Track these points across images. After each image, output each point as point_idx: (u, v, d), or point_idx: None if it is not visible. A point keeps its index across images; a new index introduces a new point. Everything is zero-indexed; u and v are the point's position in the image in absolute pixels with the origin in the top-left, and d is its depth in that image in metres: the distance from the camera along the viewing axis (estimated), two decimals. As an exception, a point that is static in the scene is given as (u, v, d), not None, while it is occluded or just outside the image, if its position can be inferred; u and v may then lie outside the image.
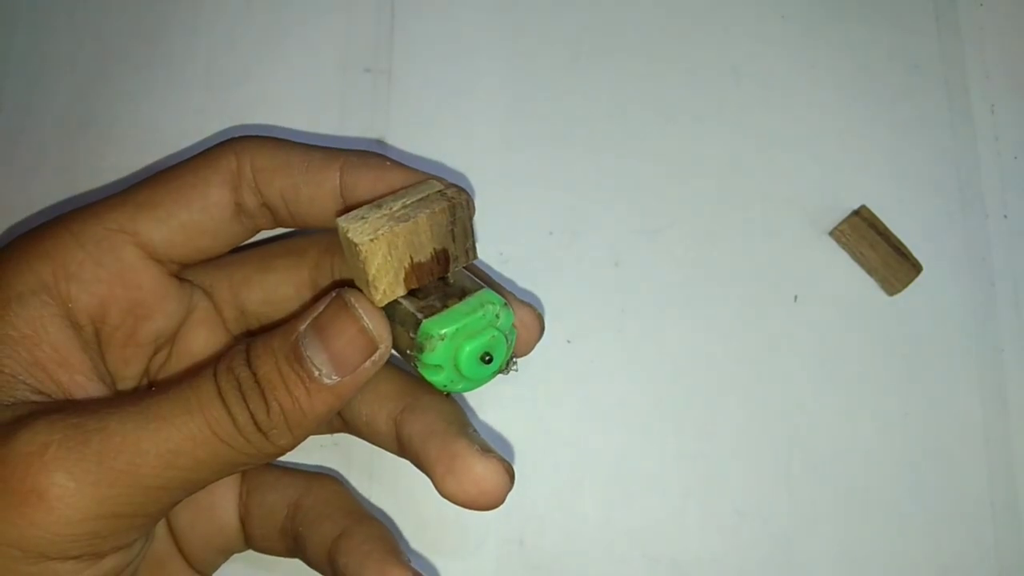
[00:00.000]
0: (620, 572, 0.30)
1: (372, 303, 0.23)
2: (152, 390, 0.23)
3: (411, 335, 0.23)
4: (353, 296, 0.23)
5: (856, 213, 0.34)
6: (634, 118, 0.34)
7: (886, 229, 0.34)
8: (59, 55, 0.35)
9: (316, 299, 0.24)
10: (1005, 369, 0.33)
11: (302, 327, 0.22)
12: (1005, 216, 0.35)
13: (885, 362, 0.33)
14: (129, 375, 0.26)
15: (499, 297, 0.24)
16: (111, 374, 0.26)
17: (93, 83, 0.35)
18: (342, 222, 0.23)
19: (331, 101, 0.35)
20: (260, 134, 0.27)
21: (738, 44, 0.35)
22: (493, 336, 0.24)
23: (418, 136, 0.34)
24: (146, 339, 0.26)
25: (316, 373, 0.22)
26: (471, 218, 0.24)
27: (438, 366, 0.23)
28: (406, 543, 0.30)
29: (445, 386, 0.24)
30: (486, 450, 0.24)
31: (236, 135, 0.27)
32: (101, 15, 0.35)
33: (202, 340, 0.27)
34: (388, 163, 0.25)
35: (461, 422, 0.26)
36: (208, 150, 0.26)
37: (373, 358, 0.23)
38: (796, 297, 0.32)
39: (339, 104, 0.35)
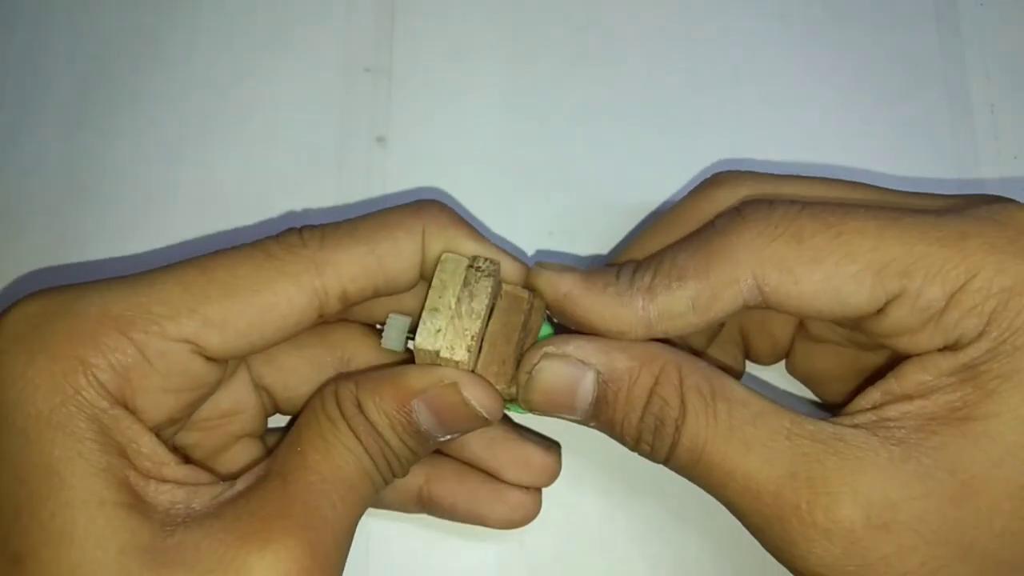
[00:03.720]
0: (620, 572, 0.30)
1: (486, 384, 0.25)
2: (312, 475, 0.24)
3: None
4: (470, 393, 0.25)
5: None
6: (634, 118, 0.34)
7: None
8: (59, 55, 0.35)
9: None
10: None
11: (415, 403, 0.24)
12: (1005, 216, 0.35)
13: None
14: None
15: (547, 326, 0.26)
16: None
17: (93, 83, 0.35)
18: (443, 351, 0.24)
19: (331, 101, 0.35)
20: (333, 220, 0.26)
21: (738, 44, 0.35)
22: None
23: (418, 136, 0.34)
24: (193, 416, 0.27)
25: (431, 439, 0.25)
26: (498, 271, 0.26)
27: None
28: (403, 544, 0.30)
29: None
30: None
31: (308, 222, 0.25)
32: (101, 15, 0.35)
33: (229, 400, 0.28)
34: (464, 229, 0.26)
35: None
36: (286, 259, 0.24)
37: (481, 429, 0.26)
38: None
39: (339, 104, 0.35)
